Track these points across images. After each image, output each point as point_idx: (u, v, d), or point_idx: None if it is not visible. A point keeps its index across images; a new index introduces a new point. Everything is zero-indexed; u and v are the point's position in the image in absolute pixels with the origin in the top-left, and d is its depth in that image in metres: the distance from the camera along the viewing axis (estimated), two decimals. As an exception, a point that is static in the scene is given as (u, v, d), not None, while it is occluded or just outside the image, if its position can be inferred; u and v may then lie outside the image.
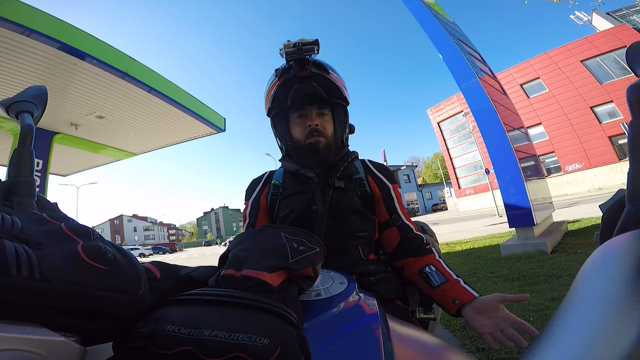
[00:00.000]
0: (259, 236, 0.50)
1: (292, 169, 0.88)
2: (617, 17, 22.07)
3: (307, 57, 0.78)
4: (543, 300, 2.41)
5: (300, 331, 0.35)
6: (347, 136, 0.93)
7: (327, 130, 0.86)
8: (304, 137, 0.85)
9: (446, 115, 27.98)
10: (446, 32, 5.45)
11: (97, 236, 0.34)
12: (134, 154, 7.62)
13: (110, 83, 4.69)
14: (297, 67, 0.80)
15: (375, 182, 0.88)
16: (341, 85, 0.87)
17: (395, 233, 0.85)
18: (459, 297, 0.71)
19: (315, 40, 0.78)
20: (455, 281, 0.74)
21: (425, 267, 0.78)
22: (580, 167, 19.49)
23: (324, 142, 0.84)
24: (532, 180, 5.15)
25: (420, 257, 0.81)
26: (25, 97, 0.58)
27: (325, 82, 0.84)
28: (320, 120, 0.85)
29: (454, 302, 0.71)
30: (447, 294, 0.73)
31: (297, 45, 0.76)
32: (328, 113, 0.88)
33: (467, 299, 0.70)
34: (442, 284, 0.74)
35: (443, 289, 0.74)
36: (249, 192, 0.94)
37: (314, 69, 0.81)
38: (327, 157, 0.86)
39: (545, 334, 0.19)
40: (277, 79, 0.84)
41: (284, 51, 0.78)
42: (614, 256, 0.23)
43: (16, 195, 0.51)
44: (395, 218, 0.86)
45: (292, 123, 0.88)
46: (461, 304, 0.70)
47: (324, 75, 0.83)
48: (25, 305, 0.25)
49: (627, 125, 0.33)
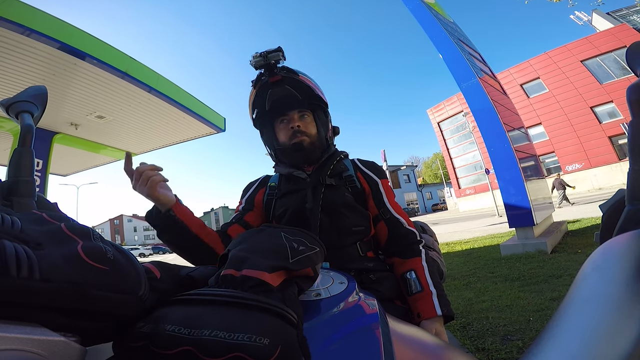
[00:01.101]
0: (259, 236, 0.50)
1: (285, 172, 0.92)
2: (617, 17, 22.07)
3: (274, 62, 0.84)
4: (543, 300, 2.41)
5: (300, 331, 0.35)
6: (331, 135, 0.99)
7: (310, 131, 0.92)
8: (288, 138, 0.91)
9: (446, 115, 27.97)
10: (446, 32, 5.45)
11: (97, 236, 0.34)
12: (134, 154, 7.61)
13: (110, 83, 4.68)
14: (267, 72, 0.86)
15: (365, 178, 0.92)
16: (312, 85, 0.92)
17: (383, 227, 0.88)
18: (422, 312, 0.74)
19: (278, 47, 0.84)
20: (429, 293, 0.76)
21: (407, 272, 0.80)
22: (580, 167, 19.49)
23: (307, 141, 0.90)
24: (532, 180, 5.15)
25: (405, 260, 0.83)
26: (25, 97, 0.58)
27: (297, 84, 0.90)
28: (302, 122, 0.91)
29: (417, 316, 0.75)
30: (416, 304, 0.76)
31: (263, 54, 0.83)
32: (309, 115, 0.93)
33: (429, 315, 0.73)
34: (416, 293, 0.77)
35: (415, 298, 0.76)
36: (245, 191, 1.00)
37: (283, 72, 0.87)
38: (312, 154, 0.91)
39: (545, 334, 0.19)
40: (254, 87, 0.90)
41: (254, 62, 0.84)
42: (614, 256, 0.23)
43: (16, 195, 0.51)
44: (384, 212, 0.89)
45: (277, 129, 0.94)
46: (422, 318, 0.73)
47: (294, 78, 0.89)
48: (25, 305, 0.25)
49: (627, 125, 0.33)
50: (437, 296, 0.75)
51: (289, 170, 0.91)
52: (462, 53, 5.34)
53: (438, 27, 5.51)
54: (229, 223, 0.91)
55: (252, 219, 0.93)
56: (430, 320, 0.73)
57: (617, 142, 18.04)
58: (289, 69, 0.89)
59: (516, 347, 1.78)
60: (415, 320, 0.74)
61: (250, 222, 0.92)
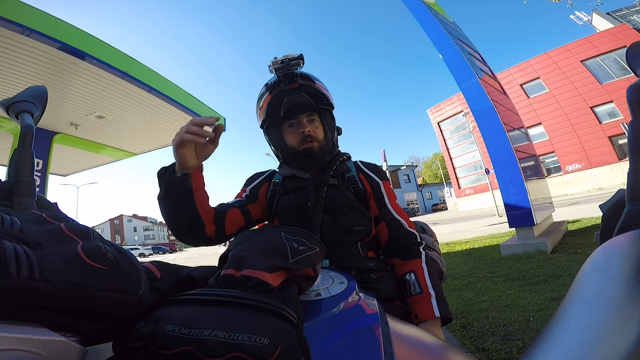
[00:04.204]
0: (259, 236, 0.50)
1: (289, 174, 0.93)
2: (617, 17, 22.07)
3: (295, 70, 0.85)
4: (543, 300, 2.41)
5: (300, 331, 0.35)
6: (336, 138, 1.00)
7: (319, 135, 0.92)
8: (298, 143, 0.90)
9: (446, 115, 27.98)
10: (446, 32, 5.45)
11: (96, 236, 0.34)
12: (134, 154, 7.61)
13: (110, 83, 4.68)
14: (287, 81, 0.87)
15: (367, 179, 0.93)
16: (326, 93, 0.93)
17: (384, 228, 0.89)
18: (420, 313, 0.74)
19: (300, 55, 0.84)
20: (427, 295, 0.76)
21: (406, 274, 0.81)
22: (580, 167, 19.49)
23: (317, 146, 0.91)
24: (532, 180, 5.15)
25: (405, 262, 0.83)
26: (25, 97, 0.58)
27: (313, 91, 0.91)
28: (311, 127, 0.91)
29: (415, 317, 0.75)
30: (414, 306, 0.76)
31: (285, 61, 0.83)
32: (317, 119, 0.94)
33: (427, 317, 0.73)
34: (414, 295, 0.77)
35: (413, 300, 0.77)
36: (250, 180, 0.99)
37: (301, 80, 0.88)
38: (322, 160, 0.92)
39: (545, 334, 0.19)
40: (269, 93, 0.90)
41: (273, 67, 0.84)
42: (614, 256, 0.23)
43: (16, 195, 0.51)
44: (385, 213, 0.89)
45: (285, 132, 0.93)
46: (420, 320, 0.74)
47: (311, 85, 0.90)
48: (26, 305, 0.25)
49: (627, 125, 0.33)
50: (436, 298, 0.75)
51: (293, 171, 0.92)
52: (462, 53, 5.34)
53: (438, 27, 5.51)
54: (229, 205, 0.88)
55: (254, 210, 0.92)
56: (428, 322, 0.73)
57: (617, 142, 18.04)
58: (307, 76, 0.90)
59: (516, 347, 1.78)
60: (414, 321, 0.75)
61: (251, 213, 0.91)
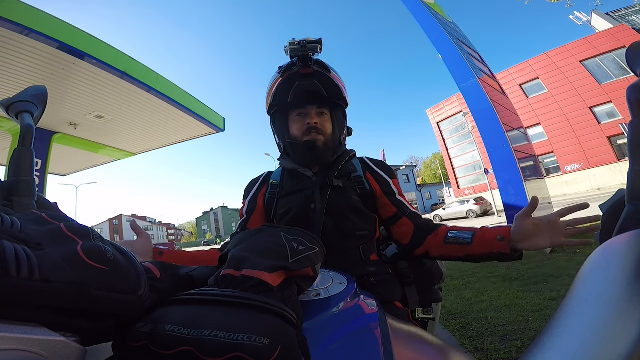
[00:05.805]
0: (258, 236, 0.50)
1: (290, 167, 0.89)
2: (617, 18, 22.11)
3: (311, 54, 0.81)
4: (542, 300, 2.41)
5: (300, 331, 0.35)
6: (344, 137, 0.95)
7: (326, 129, 0.87)
8: (301, 134, 0.86)
9: (445, 116, 28.01)
10: (446, 33, 5.46)
11: (96, 236, 0.33)
12: (133, 154, 7.61)
13: (109, 83, 4.68)
14: (301, 64, 0.82)
15: (375, 178, 0.88)
16: (341, 86, 0.88)
17: (407, 223, 0.85)
18: (500, 233, 0.72)
19: (319, 39, 0.81)
20: (483, 228, 0.76)
21: (448, 233, 0.79)
22: (579, 167, 19.52)
23: (322, 140, 0.86)
24: (531, 180, 5.15)
25: (437, 231, 0.82)
26: (25, 97, 0.57)
27: (326, 81, 0.86)
28: (319, 119, 0.87)
29: (499, 241, 0.71)
30: (487, 238, 0.73)
31: (302, 43, 0.80)
32: (327, 113, 0.89)
33: (506, 231, 0.71)
34: (474, 236, 0.75)
35: (479, 238, 0.74)
36: (247, 191, 0.95)
37: (316, 67, 0.83)
38: (324, 155, 0.87)
39: (545, 334, 0.19)
40: (280, 75, 0.85)
41: (289, 48, 0.81)
42: (614, 256, 0.23)
43: (16, 195, 0.50)
44: (403, 209, 0.86)
45: (292, 121, 0.89)
46: (506, 238, 0.70)
47: (326, 74, 0.85)
48: (26, 305, 0.25)
49: (627, 125, 0.33)
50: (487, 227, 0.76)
51: (295, 166, 0.88)
52: (462, 53, 5.34)
53: (437, 27, 5.52)
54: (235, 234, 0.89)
55: (256, 223, 0.89)
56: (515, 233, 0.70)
57: (616, 143, 18.06)
58: (323, 64, 0.84)
59: (515, 347, 1.78)
60: (501, 247, 0.71)
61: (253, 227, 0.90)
